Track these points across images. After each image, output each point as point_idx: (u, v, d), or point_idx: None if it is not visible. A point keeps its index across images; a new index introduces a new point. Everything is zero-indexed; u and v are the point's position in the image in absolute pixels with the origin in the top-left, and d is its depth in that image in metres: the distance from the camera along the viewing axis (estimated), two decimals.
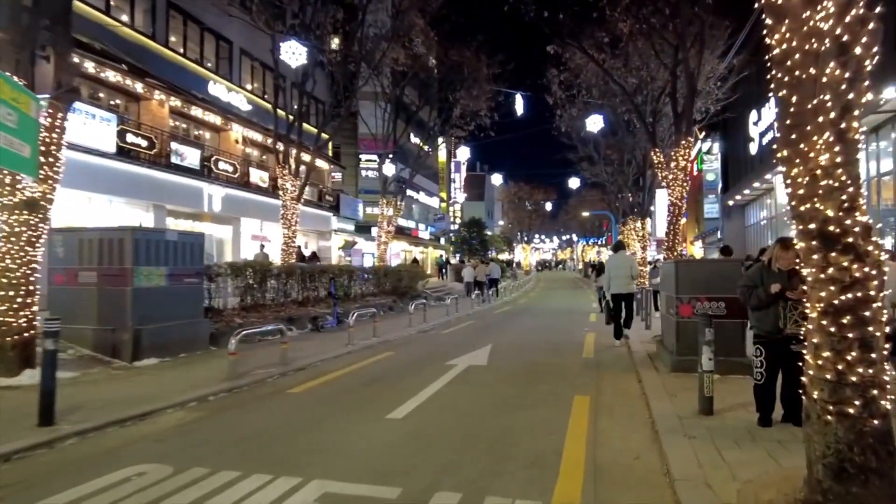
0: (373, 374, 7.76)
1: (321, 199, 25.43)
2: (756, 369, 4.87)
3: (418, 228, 39.40)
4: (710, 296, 7.04)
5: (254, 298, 13.17)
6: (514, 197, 59.26)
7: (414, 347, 10.48)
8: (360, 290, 17.90)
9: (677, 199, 10.28)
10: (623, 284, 9.92)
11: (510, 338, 11.68)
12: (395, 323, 14.29)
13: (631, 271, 10.02)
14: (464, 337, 11.93)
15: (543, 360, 8.68)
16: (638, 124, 19.86)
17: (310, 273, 15.20)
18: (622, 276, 9.90)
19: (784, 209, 19.18)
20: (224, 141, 20.90)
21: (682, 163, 10.17)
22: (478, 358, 8.86)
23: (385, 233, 23.07)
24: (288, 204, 16.19)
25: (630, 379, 7.24)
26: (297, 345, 10.44)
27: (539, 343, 10.75)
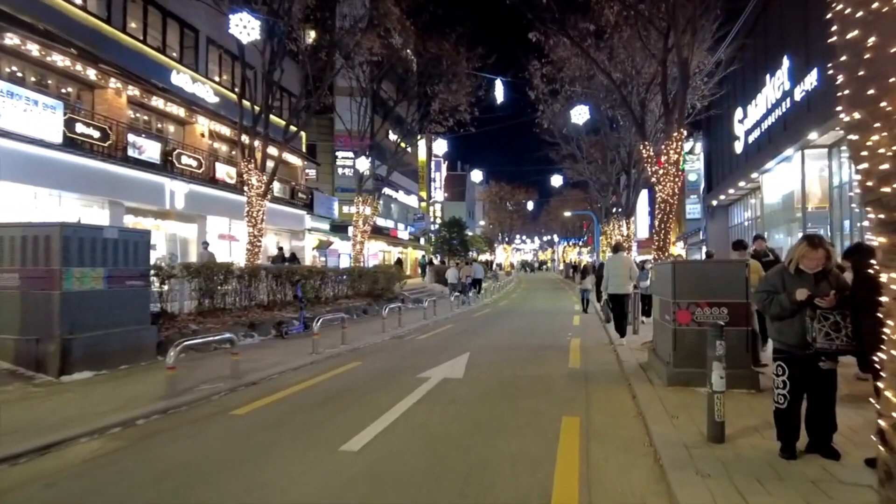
0: (333, 390, 6.87)
1: (294, 196, 24.38)
2: (777, 391, 4.11)
3: (397, 228, 38.47)
4: (711, 301, 6.31)
5: (213, 302, 12.17)
6: (496, 197, 58.60)
7: (385, 356, 9.59)
8: (333, 293, 16.95)
9: (668, 195, 9.59)
10: (621, 285, 10.08)
11: (490, 344, 10.87)
12: (368, 328, 13.40)
13: (630, 272, 10.18)
14: (441, 343, 11.09)
15: (526, 371, 7.88)
16: (622, 121, 19.27)
17: (276, 274, 14.21)
18: (620, 276, 10.06)
19: (771, 208, 18.76)
20: (189, 134, 19.77)
21: (673, 156, 9.48)
22: (454, 369, 8.02)
23: (361, 232, 22.13)
24: (253, 200, 15.19)
25: (622, 394, 6.47)
26: (256, 354, 9.51)
27: (521, 350, 9.95)
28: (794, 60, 15.01)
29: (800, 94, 14.33)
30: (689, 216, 38.94)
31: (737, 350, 6.25)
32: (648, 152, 10.03)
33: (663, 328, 6.97)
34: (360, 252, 22.24)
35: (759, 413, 5.21)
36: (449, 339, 11.86)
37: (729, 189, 22.51)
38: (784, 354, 4.09)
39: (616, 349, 9.53)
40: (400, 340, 11.79)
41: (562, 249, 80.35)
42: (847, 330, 3.81)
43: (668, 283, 6.67)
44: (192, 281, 11.65)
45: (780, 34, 15.99)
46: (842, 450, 4.00)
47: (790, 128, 15.15)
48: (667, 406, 5.56)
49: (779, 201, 18.33)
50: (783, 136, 15.76)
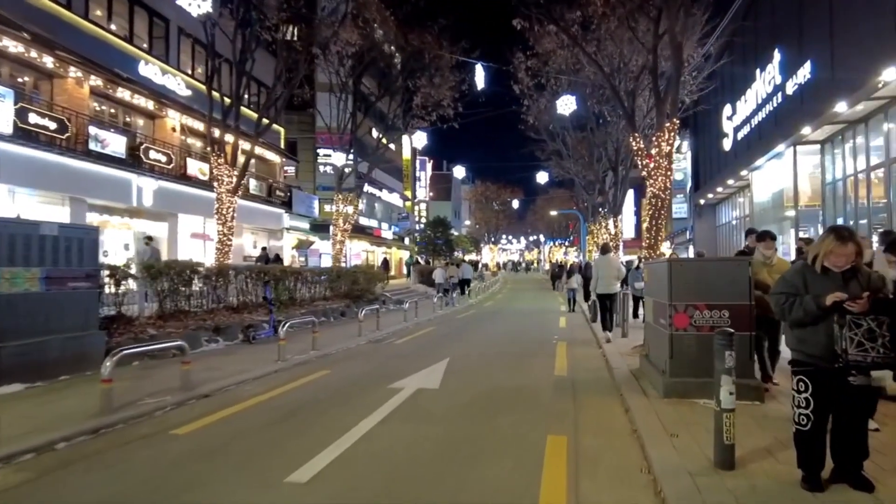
0: (293, 404, 6.15)
1: (271, 194, 23.54)
2: (798, 410, 3.49)
3: (381, 228, 37.71)
4: (710, 303, 5.71)
5: (177, 304, 11.38)
6: (481, 197, 58.00)
7: (357, 363, 8.88)
8: (310, 294, 16.18)
9: (660, 189, 9.00)
10: (608, 285, 10.48)
11: (472, 349, 10.21)
12: (343, 331, 12.67)
13: (617, 273, 10.70)
14: (419, 348, 10.41)
15: (509, 380, 7.22)
16: (610, 116, 18.74)
17: (247, 275, 13.42)
18: (608, 276, 10.48)
19: (761, 206, 18.35)
20: (160, 129, 18.87)
21: (665, 149, 8.89)
22: (430, 378, 7.34)
23: (341, 231, 21.37)
24: (223, 197, 14.39)
25: (614, 407, 5.84)
26: (217, 361, 8.76)
27: (504, 356, 9.30)
28: (786, 53, 14.56)
29: (792, 88, 13.88)
30: (675, 215, 38.68)
31: (740, 357, 5.66)
32: (639, 145, 9.45)
33: (657, 333, 6.36)
34: (341, 252, 21.48)
35: (769, 430, 4.61)
36: (429, 343, 11.18)
37: (717, 187, 22.11)
38: (806, 367, 3.47)
39: (605, 354, 8.91)
40: (376, 345, 11.08)
41: (548, 249, 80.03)
42: (884, 339, 3.20)
43: (662, 283, 6.05)
44: (152, 282, 10.87)
45: (772, 26, 15.55)
46: (874, 479, 3.40)
47: (782, 123, 14.70)
48: (664, 422, 4.93)
49: (769, 199, 17.92)
50: (774, 131, 15.32)
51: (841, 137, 13.03)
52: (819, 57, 12.44)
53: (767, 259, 6.02)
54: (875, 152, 11.78)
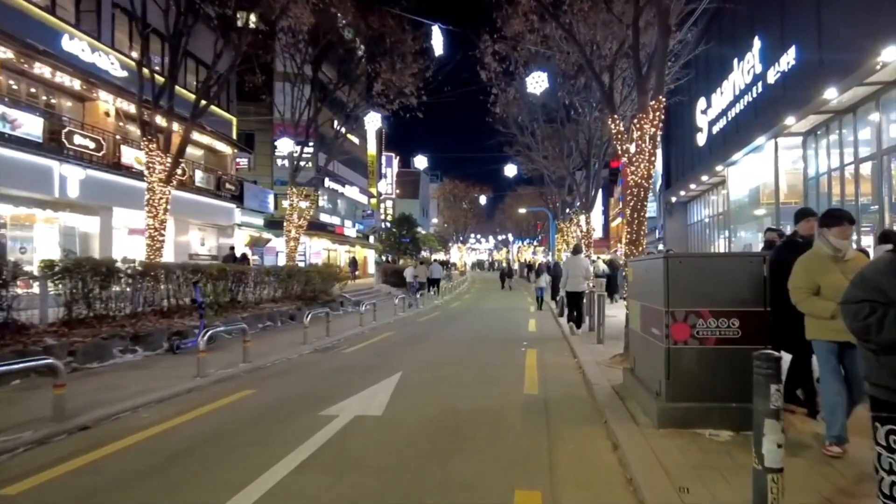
0: (191, 440, 4.78)
1: (220, 187, 21.80)
2: (884, 474, 2.35)
3: (343, 225, 36.12)
4: (717, 309, 4.60)
5: (91, 309, 9.79)
6: (450, 195, 56.80)
7: (291, 380, 7.52)
8: (255, 296, 14.65)
9: (642, 177, 7.92)
10: (577, 284, 10.95)
11: (431, 358, 8.95)
12: (288, 338, 11.26)
13: (585, 272, 11.11)
14: (370, 358, 9.10)
15: (470, 402, 5.98)
16: (582, 108, 17.78)
17: (179, 274, 11.86)
18: (577, 276, 10.94)
19: (738, 202, 17.65)
20: (91, 112, 17.02)
21: (649, 131, 7.82)
22: (374, 400, 6.05)
23: (295, 227, 19.83)
24: (155, 186, 12.78)
25: (598, 441, 4.66)
26: (120, 378, 7.30)
27: (467, 367, 8.08)
28: (766, 40, 13.78)
29: (774, 76, 13.08)
30: None
31: (750, 376, 4.57)
32: (618, 128, 8.36)
33: (648, 345, 5.22)
34: (295, 249, 19.94)
35: (808, 482, 3.48)
36: (382, 352, 9.87)
37: (690, 184, 21.41)
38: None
39: (581, 365, 7.77)
40: (322, 355, 9.72)
41: (516, 249, 79.42)
42: None
43: (655, 284, 4.92)
44: (58, 283, 9.27)
45: (750, 13, 14.77)
46: None
47: (762, 114, 13.92)
48: (667, 466, 3.77)
49: (745, 196, 17.21)
50: (753, 123, 14.54)
51: (826, 129, 12.27)
52: (805, 41, 11.63)
53: (838, 253, 3.93)
54: (864, 145, 11.01)
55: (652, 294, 5.12)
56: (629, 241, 8.08)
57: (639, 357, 5.77)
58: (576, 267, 11.01)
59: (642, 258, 5.77)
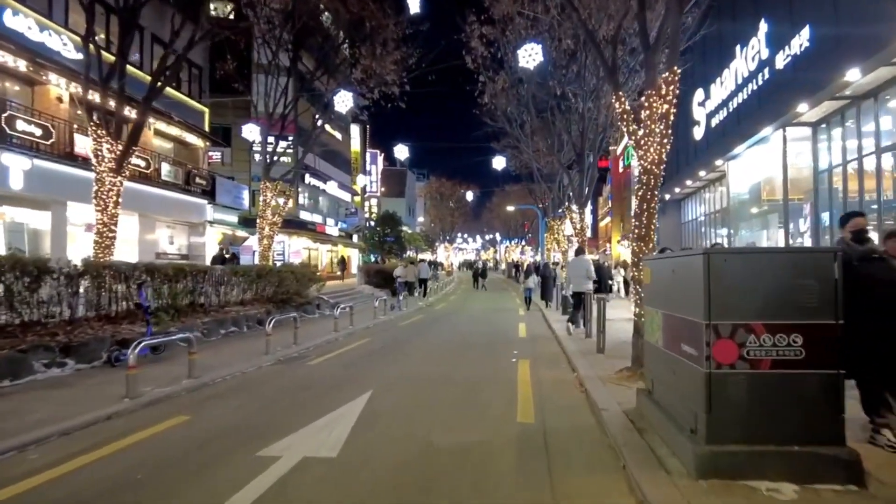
0: (81, 495, 3.56)
1: (189, 181, 20.40)
2: None
3: (325, 223, 34.75)
4: (773, 321, 3.50)
5: (14, 314, 8.48)
6: (436, 193, 55.55)
7: (237, 402, 6.29)
8: (219, 299, 13.36)
9: (653, 163, 6.83)
10: (580, 284, 11.11)
11: (408, 372, 7.78)
12: (250, 347, 10.02)
13: (587, 273, 11.17)
14: (337, 372, 7.90)
15: (450, 436, 4.82)
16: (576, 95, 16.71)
17: (130, 275, 10.55)
18: (580, 276, 11.13)
19: (738, 198, 16.70)
20: (41, 97, 15.56)
21: (660, 108, 6.72)
22: (331, 433, 4.87)
23: (269, 225, 18.50)
24: (104, 177, 11.45)
25: (619, 499, 3.52)
26: (30, 400, 6.05)
27: (448, 384, 6.92)
28: (774, 23, 12.81)
29: (783, 61, 12.10)
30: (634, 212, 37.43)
31: (816, 410, 3.48)
32: (624, 107, 7.27)
33: (677, 367, 4.10)
34: (269, 248, 18.60)
35: None
36: (354, 363, 8.68)
37: (686, 181, 20.46)
38: None
39: (582, 381, 6.65)
40: (285, 367, 8.50)
41: (504, 249, 78.46)
42: None
43: (689, 289, 3.81)
44: None
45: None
46: None
47: (769, 103, 12.94)
48: None
49: (746, 191, 16.26)
50: (758, 113, 13.56)
51: (840, 117, 11.30)
52: (820, 19, 10.65)
53: None
54: (885, 135, 10.04)
55: (682, 301, 4.01)
56: (638, 237, 6.98)
57: (660, 379, 4.65)
58: (579, 268, 11.27)
59: (666, 255, 4.67)
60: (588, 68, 15.55)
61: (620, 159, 43.41)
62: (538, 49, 8.98)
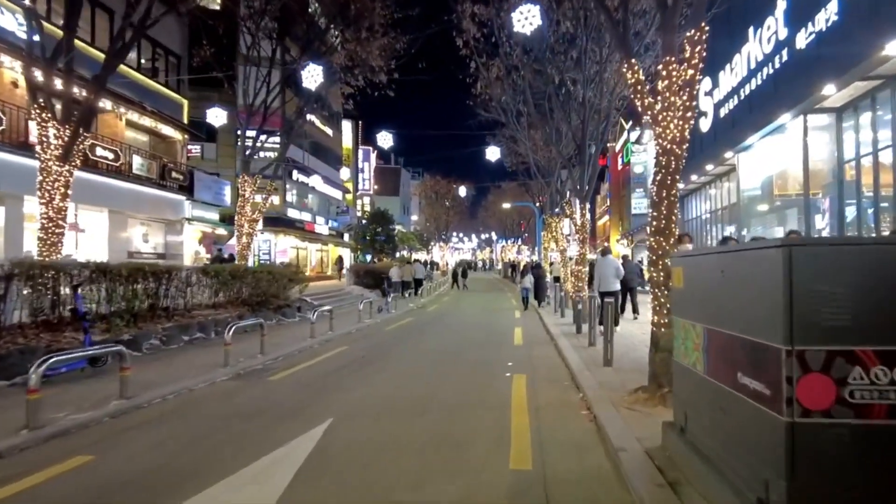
0: None
1: (165, 176, 19.16)
2: None
3: (315, 222, 33.50)
4: (888, 347, 2.34)
5: None
6: (431, 191, 54.30)
7: (162, 434, 5.10)
8: (185, 301, 12.15)
9: (673, 141, 5.69)
10: (609, 284, 11.18)
11: (379, 394, 6.60)
12: (208, 358, 8.82)
13: (616, 273, 11.34)
14: (297, 392, 6.72)
15: (417, 495, 3.64)
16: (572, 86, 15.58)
17: (74, 275, 9.35)
18: (608, 276, 11.23)
19: (750, 193, 15.58)
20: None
21: (680, 77, 5.58)
22: (264, 487, 3.69)
23: (248, 222, 17.28)
24: (50, 166, 10.22)
25: None
26: None
27: (426, 414, 5.72)
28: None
29: (805, 40, 10.98)
30: (634, 211, 36.29)
31: None
32: (637, 77, 6.12)
33: (732, 406, 2.93)
34: (248, 247, 17.40)
35: None
36: (320, 379, 7.49)
37: (692, 175, 19.34)
38: None
39: (591, 406, 5.49)
40: (240, 383, 7.31)
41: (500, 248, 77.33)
42: None
43: (752, 297, 2.66)
44: None
45: None
46: None
47: (787, 87, 11.82)
48: None
49: (758, 186, 15.15)
50: (774, 99, 12.45)
51: (871, 100, 10.18)
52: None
53: None
54: None
55: (740, 314, 2.85)
56: (656, 230, 5.83)
57: (699, 414, 3.48)
58: (606, 268, 11.33)
59: (709, 250, 3.52)
60: (589, 54, 14.42)
61: (619, 156, 42.31)
62: (535, 11, 7.81)
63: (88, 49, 15.55)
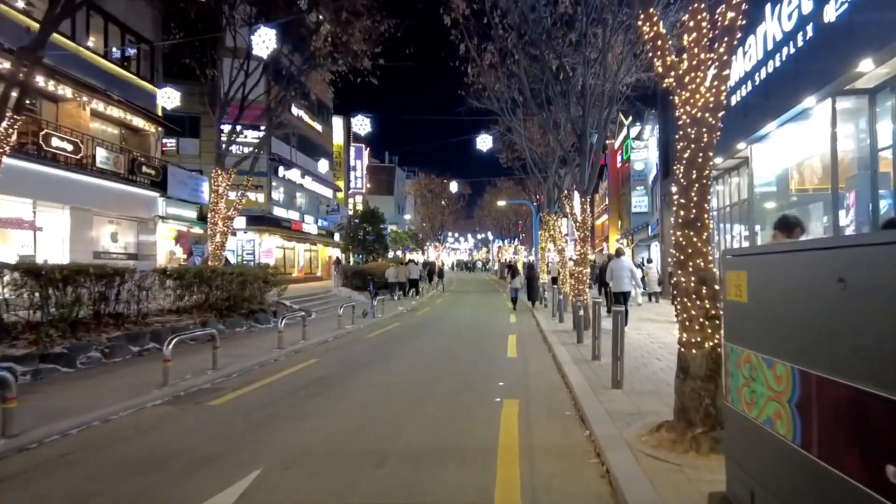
0: None
1: (134, 171, 17.84)
2: None
3: (303, 220, 32.17)
4: None
5: None
6: (425, 190, 52.94)
7: (37, 490, 3.82)
8: (138, 307, 10.85)
9: (705, 108, 4.45)
10: (624, 284, 11.46)
11: (336, 428, 5.33)
12: (147, 375, 7.52)
13: (631, 273, 11.69)
14: (235, 424, 5.44)
15: None
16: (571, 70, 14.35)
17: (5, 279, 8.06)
18: (623, 277, 11.46)
19: (765, 187, 14.33)
20: None
21: (724, 18, 4.33)
22: None
23: (223, 219, 16.01)
24: None
25: None
26: None
27: (385, 461, 4.45)
28: None
29: (835, 11, 9.73)
30: (634, 209, 35.04)
31: None
32: (657, 30, 4.89)
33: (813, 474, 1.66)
34: (222, 246, 16.12)
35: None
36: (272, 404, 6.21)
37: None
38: None
39: (602, 453, 4.22)
40: (174, 410, 6.02)
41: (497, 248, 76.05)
42: None
43: None
44: None
45: None
46: None
47: (813, 67, 10.57)
48: None
49: (772, 180, 13.91)
50: (795, 83, 11.19)
51: None
52: None
53: None
54: None
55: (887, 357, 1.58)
56: (684, 223, 4.57)
57: (779, 497, 2.21)
58: (621, 269, 11.58)
59: (810, 244, 2.25)
60: (590, 38, 13.20)
61: (619, 153, 41.10)
62: None
63: None
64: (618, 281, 11.56)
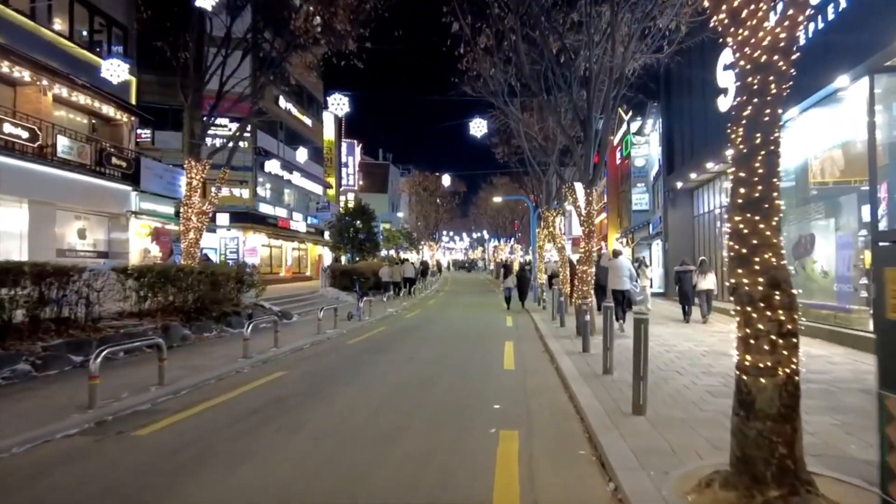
0: None
1: (102, 161, 16.56)
2: None
3: (291, 218, 30.90)
4: None
5: None
6: (420, 187, 51.69)
7: None
8: (88, 310, 9.61)
9: (773, 50, 3.31)
10: (622, 283, 11.41)
11: (279, 476, 4.15)
12: (75, 394, 6.30)
13: (629, 273, 11.62)
14: (159, 465, 4.25)
15: None
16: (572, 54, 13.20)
17: None
18: (621, 276, 11.44)
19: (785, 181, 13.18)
20: None
21: None
22: None
23: (196, 214, 14.76)
24: None
25: None
26: None
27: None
28: None
29: None
30: (635, 207, 33.84)
31: None
32: None
33: None
34: (196, 244, 14.85)
35: None
36: (213, 434, 5.00)
37: (707, 163, 17.00)
38: None
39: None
40: (90, 442, 4.82)
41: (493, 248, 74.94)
42: None
43: None
44: None
45: None
46: None
47: (847, 41, 9.44)
48: None
49: (791, 173, 12.76)
50: (824, 61, 10.07)
51: None
52: None
53: None
54: None
55: None
56: (746, 203, 3.40)
57: None
58: (619, 269, 11.62)
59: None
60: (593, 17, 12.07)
61: (618, 150, 39.98)
62: None
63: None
64: (617, 280, 11.61)
